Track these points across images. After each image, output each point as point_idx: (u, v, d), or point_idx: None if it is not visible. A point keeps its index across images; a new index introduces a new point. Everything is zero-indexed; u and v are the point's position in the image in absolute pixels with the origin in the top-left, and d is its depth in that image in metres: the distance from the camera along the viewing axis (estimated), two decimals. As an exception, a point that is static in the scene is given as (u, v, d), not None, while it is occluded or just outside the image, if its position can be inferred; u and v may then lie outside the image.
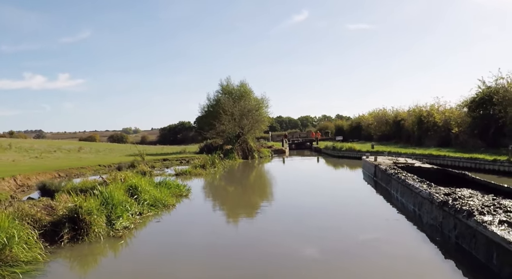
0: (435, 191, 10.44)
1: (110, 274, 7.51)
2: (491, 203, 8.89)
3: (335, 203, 14.04)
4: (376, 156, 21.79)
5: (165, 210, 12.79)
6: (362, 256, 7.82)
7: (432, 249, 8.21)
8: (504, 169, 19.57)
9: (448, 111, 36.15)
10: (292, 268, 7.35)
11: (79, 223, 9.16)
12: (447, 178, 15.49)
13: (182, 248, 9.02)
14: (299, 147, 57.56)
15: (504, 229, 6.54)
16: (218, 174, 25.54)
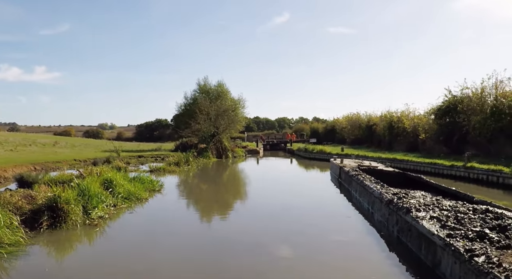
0: (385, 191, 11.62)
1: (85, 258, 8.35)
2: (431, 202, 10.08)
3: (302, 201, 15.04)
4: (342, 159, 23.00)
5: (138, 203, 13.67)
6: (321, 250, 8.72)
7: (380, 243, 9.24)
8: (460, 174, 21.01)
9: (417, 118, 37.67)
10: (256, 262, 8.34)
11: (58, 211, 9.98)
12: (406, 180, 16.75)
13: (153, 237, 9.91)
14: (273, 147, 58.67)
15: (432, 223, 7.66)
16: (191, 171, 26.40)
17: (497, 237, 6.49)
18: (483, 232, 6.67)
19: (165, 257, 8.14)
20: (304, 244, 9.02)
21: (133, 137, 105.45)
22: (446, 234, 6.74)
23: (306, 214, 12.64)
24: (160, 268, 7.43)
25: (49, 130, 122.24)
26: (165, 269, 7.39)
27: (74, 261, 8.30)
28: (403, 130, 37.75)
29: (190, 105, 45.98)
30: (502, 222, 7.46)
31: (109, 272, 7.25)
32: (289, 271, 7.26)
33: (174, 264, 7.71)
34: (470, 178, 20.08)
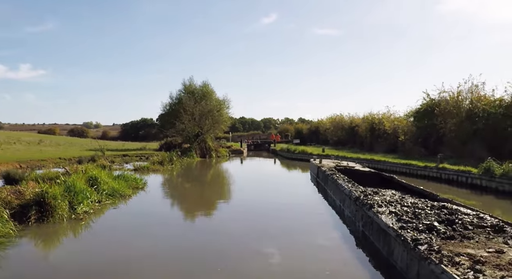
0: (354, 189, 12.40)
1: (70, 249, 8.94)
2: (396, 199, 10.88)
3: (280, 200, 15.74)
4: (321, 159, 23.81)
5: (122, 200, 14.24)
6: (293, 245, 9.34)
7: (348, 237, 9.96)
8: (433, 175, 21.94)
9: (397, 120, 38.68)
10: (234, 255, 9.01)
11: (45, 206, 10.54)
12: (380, 180, 17.60)
13: (135, 231, 10.52)
14: (257, 148, 59.38)
15: (390, 218, 8.43)
16: (175, 170, 26.97)
17: (444, 229, 7.29)
18: (432, 225, 7.46)
19: (146, 249, 8.76)
20: (280, 238, 9.71)
21: (118, 136, 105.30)
22: (399, 226, 7.51)
23: (284, 211, 13.32)
24: (140, 259, 8.05)
25: (33, 128, 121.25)
26: (145, 260, 8.01)
27: (60, 252, 8.88)
28: (383, 132, 38.71)
29: (175, 105, 46.36)
30: (452, 217, 8.27)
31: (92, 262, 7.84)
32: (264, 260, 7.95)
33: (154, 256, 8.34)
34: (442, 178, 21.02)
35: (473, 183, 18.56)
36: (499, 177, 16.74)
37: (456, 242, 6.59)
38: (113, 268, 7.56)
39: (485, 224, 7.86)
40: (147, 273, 7.19)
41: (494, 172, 17.12)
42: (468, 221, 8.07)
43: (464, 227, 7.55)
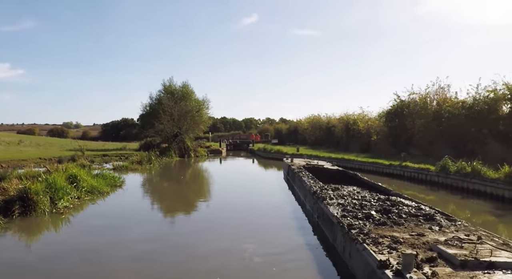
0: (314, 185, 13.55)
1: (51, 240, 9.83)
2: (350, 193, 12.06)
3: (252, 196, 16.97)
4: (292, 158, 24.96)
5: (101, 196, 15.12)
6: (260, 234, 10.39)
7: (307, 227, 11.05)
8: (396, 172, 23.29)
9: (370, 121, 40.11)
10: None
11: (28, 201, 11.40)
12: (345, 177, 18.81)
13: (111, 224, 11.44)
14: (236, 147, 60.35)
15: (337, 209, 9.55)
16: (153, 170, 27.83)
17: (379, 217, 8.45)
18: (370, 214, 8.61)
19: (121, 240, 9.72)
20: (251, 229, 10.80)
21: (98, 136, 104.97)
22: (342, 215, 8.65)
23: (256, 207, 14.35)
24: (115, 249, 9.02)
25: (12, 129, 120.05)
26: (119, 250, 8.98)
27: (42, 242, 9.76)
28: (358, 132, 40.08)
29: (155, 105, 47.02)
30: (392, 207, 9.45)
31: (71, 253, 8.73)
32: (239, 245, 8.99)
33: (122, 243, 9.31)
34: (404, 176, 22.37)
35: (431, 180, 19.92)
36: (453, 174, 18.11)
37: (386, 228, 7.73)
38: (87, 254, 8.48)
39: (419, 214, 9.04)
40: (117, 259, 8.19)
41: (449, 169, 18.48)
42: (406, 211, 9.25)
43: (399, 216, 8.72)
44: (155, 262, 7.87)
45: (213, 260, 8.07)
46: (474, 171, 16.80)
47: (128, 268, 7.64)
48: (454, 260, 5.62)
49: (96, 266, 7.71)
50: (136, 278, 7.15)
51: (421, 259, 5.71)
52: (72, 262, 7.99)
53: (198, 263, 7.94)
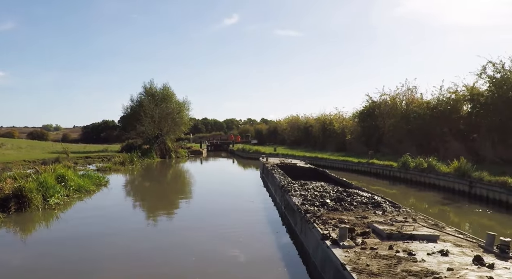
0: (283, 180, 15.00)
1: (44, 233, 11.00)
2: (314, 187, 13.53)
3: (230, 191, 18.38)
4: (267, 157, 26.40)
5: (87, 194, 16.29)
6: (235, 225, 11.77)
7: (277, 218, 12.43)
8: (364, 169, 24.95)
9: (345, 121, 41.86)
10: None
11: (23, 198, 12.53)
12: (316, 174, 20.29)
13: (98, 218, 12.66)
14: (217, 148, 61.54)
15: (298, 199, 10.96)
16: (135, 170, 28.95)
17: (332, 204, 9.92)
18: (325, 202, 10.06)
19: (107, 232, 10.99)
20: (230, 219, 12.16)
21: (79, 139, 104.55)
22: (301, 203, 10.08)
23: (234, 203, 15.67)
24: (101, 238, 10.30)
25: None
26: (106, 239, 10.26)
27: (36, 235, 10.91)
28: (333, 132, 41.78)
29: (137, 107, 47.78)
30: (347, 197, 10.93)
31: (61, 242, 9.92)
32: (218, 232, 10.31)
33: (113, 237, 10.58)
34: (371, 172, 24.02)
35: (394, 175, 21.60)
36: (412, 169, 19.78)
37: (337, 212, 9.19)
38: (75, 242, 9.72)
39: (370, 202, 10.53)
40: (102, 246, 9.53)
41: (409, 165, 20.15)
42: (358, 200, 10.74)
43: (351, 203, 10.20)
44: (137, 247, 9.18)
45: (190, 238, 9.41)
46: (429, 167, 18.49)
47: (114, 248, 8.94)
48: (382, 233, 7.09)
49: (86, 250, 8.97)
50: (122, 256, 8.45)
51: (356, 233, 7.16)
52: (65, 246, 9.29)
53: (175, 239, 9.28)
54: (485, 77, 22.83)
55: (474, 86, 24.37)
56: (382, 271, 5.24)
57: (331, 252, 6.15)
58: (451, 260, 5.83)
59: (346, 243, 6.42)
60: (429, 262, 5.66)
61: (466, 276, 5.15)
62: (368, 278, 4.99)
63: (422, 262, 5.65)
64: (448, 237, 7.34)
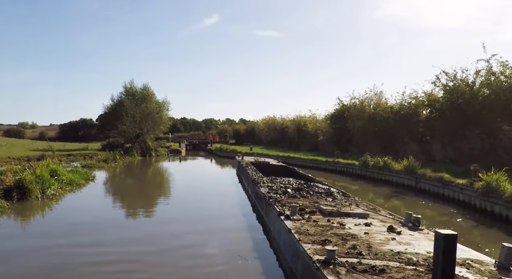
0: (255, 175, 17.03)
1: (44, 218, 12.74)
2: (280, 181, 15.56)
3: (207, 186, 20.33)
4: (243, 156, 28.42)
5: (78, 188, 18.02)
6: (212, 215, 13.77)
7: (249, 206, 14.41)
8: (331, 168, 27.22)
9: (318, 122, 44.16)
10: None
11: (23, 189, 14.19)
12: (286, 171, 22.39)
13: (88, 207, 14.45)
14: (195, 147, 63.29)
15: (265, 189, 12.99)
16: (118, 167, 30.58)
17: (292, 193, 12.00)
18: (286, 191, 12.13)
19: (96, 219, 12.83)
20: (207, 209, 14.07)
21: (56, 137, 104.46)
22: (267, 192, 12.13)
23: (212, 195, 17.64)
24: (91, 224, 12.14)
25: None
26: (95, 224, 12.10)
27: (37, 220, 12.62)
28: (307, 133, 44.02)
29: (117, 106, 49.10)
30: (304, 188, 13.03)
31: (59, 226, 11.65)
32: (196, 221, 12.23)
33: (102, 221, 12.43)
34: (337, 170, 26.29)
35: (355, 173, 23.90)
36: (371, 167, 22.08)
37: (295, 199, 11.27)
38: (72, 227, 11.53)
39: (324, 192, 12.66)
40: (92, 230, 11.38)
41: (368, 164, 22.43)
42: (315, 190, 12.87)
43: (308, 192, 12.31)
44: (121, 230, 11.08)
45: (174, 223, 11.36)
46: (385, 165, 20.80)
47: (104, 229, 10.83)
48: (325, 212, 9.17)
49: (80, 229, 10.83)
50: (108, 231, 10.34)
51: (305, 211, 9.22)
52: (62, 226, 11.15)
53: (158, 219, 11.21)
54: (440, 85, 25.31)
55: (432, 93, 26.87)
56: (316, 233, 7.31)
57: (283, 223, 8.18)
58: (371, 229, 7.92)
59: (295, 217, 8.47)
60: (353, 229, 7.75)
61: (376, 237, 7.24)
62: (305, 236, 7.03)
63: (348, 229, 7.74)
64: (378, 216, 9.47)
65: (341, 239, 6.95)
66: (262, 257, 8.16)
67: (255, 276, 7.21)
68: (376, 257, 5.91)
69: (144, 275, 7.15)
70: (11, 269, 7.53)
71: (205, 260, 8.05)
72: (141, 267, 7.56)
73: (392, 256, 6.02)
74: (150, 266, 7.54)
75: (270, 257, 8.14)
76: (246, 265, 7.60)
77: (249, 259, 7.92)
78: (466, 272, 5.40)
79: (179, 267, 7.57)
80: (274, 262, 7.87)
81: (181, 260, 8.01)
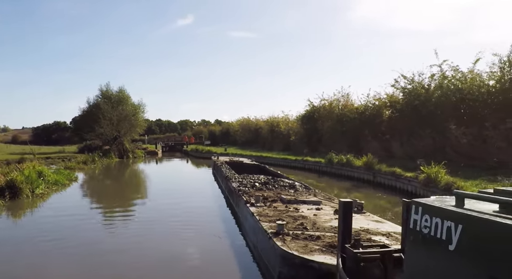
0: (228, 172, 18.69)
1: (34, 213, 14.10)
2: (250, 177, 17.25)
3: (184, 183, 21.82)
4: (218, 156, 30.03)
5: (63, 187, 19.33)
6: (190, 209, 15.33)
7: (221, 199, 16.05)
8: (300, 166, 29.14)
9: (290, 123, 45.99)
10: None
11: (15, 189, 15.48)
12: (258, 169, 24.10)
13: (74, 203, 15.85)
14: (171, 149, 64.27)
15: (236, 184, 14.66)
16: (97, 169, 31.78)
17: (260, 186, 13.72)
18: (254, 185, 13.84)
19: (82, 213, 14.28)
20: (185, 203, 15.59)
21: (30, 140, 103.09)
22: (237, 186, 13.82)
23: (190, 192, 19.21)
24: (76, 217, 13.60)
25: None
26: (81, 216, 13.57)
27: (28, 215, 13.98)
28: (280, 133, 45.73)
29: (92, 109, 49.72)
30: (271, 182, 14.77)
31: (47, 220, 13.04)
32: (169, 216, 13.79)
33: (88, 213, 13.89)
34: (305, 168, 28.18)
35: (322, 170, 25.83)
36: (335, 164, 24.02)
37: (261, 191, 12.99)
38: (58, 220, 12.97)
39: (288, 185, 14.42)
40: (79, 217, 12.84)
41: (333, 161, 24.36)
42: (280, 184, 14.63)
43: (273, 186, 14.07)
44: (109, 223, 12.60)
45: (155, 213, 12.93)
46: (348, 162, 22.75)
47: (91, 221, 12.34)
48: (285, 200, 10.91)
49: (70, 222, 12.29)
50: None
51: (268, 200, 10.94)
52: (52, 219, 12.56)
53: (141, 213, 12.77)
54: (399, 87, 27.49)
55: (393, 94, 29.02)
56: (274, 215, 9.03)
57: (249, 209, 9.88)
58: (320, 212, 9.69)
59: (259, 205, 10.20)
60: (305, 212, 9.50)
61: (322, 217, 9.01)
62: (264, 217, 8.74)
63: (301, 212, 9.49)
64: (331, 203, 11.24)
65: (293, 219, 8.69)
66: (232, 236, 9.89)
67: (225, 248, 8.92)
68: (317, 230, 7.67)
69: (134, 246, 8.73)
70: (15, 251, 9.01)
71: (185, 240, 9.68)
72: (133, 245, 9.15)
73: (330, 229, 7.78)
74: (138, 243, 9.13)
75: (238, 237, 9.86)
76: (219, 241, 9.30)
77: (222, 238, 9.61)
78: (385, 239, 7.19)
79: (164, 245, 9.19)
80: (241, 240, 9.58)
81: (165, 241, 9.63)
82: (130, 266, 8.06)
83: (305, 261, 5.89)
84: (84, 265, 8.09)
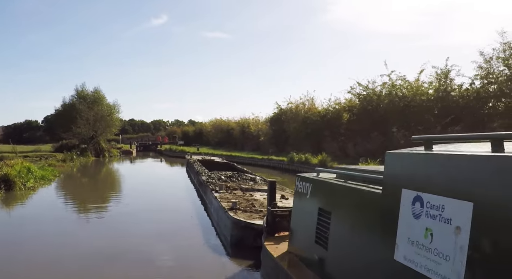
0: (199, 169, 21.17)
1: (27, 204, 16.25)
2: (220, 173, 19.75)
3: (160, 180, 24.16)
4: (191, 155, 32.42)
5: (49, 182, 21.43)
6: (167, 200, 17.72)
7: (194, 193, 18.45)
8: (266, 164, 31.86)
9: (260, 124, 48.51)
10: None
11: (9, 182, 17.55)
12: (227, 167, 26.59)
13: (59, 195, 18.03)
14: (146, 149, 66.03)
15: (205, 177, 17.13)
16: (75, 167, 33.71)
17: (225, 179, 16.26)
18: (221, 178, 16.39)
19: (67, 205, 16.52)
20: (160, 197, 17.98)
21: (0, 139, 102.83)
22: (206, 179, 16.34)
23: (165, 187, 21.56)
24: (62, 207, 15.87)
25: None
26: (66, 207, 15.86)
27: (22, 206, 16.10)
28: (250, 134, 48.18)
29: (67, 108, 51.10)
30: (235, 176, 17.33)
31: (37, 212, 15.28)
32: (152, 202, 16.14)
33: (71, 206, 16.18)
34: (270, 165, 30.87)
35: (284, 168, 28.57)
36: (296, 162, 26.77)
37: (226, 182, 15.53)
38: (46, 210, 15.19)
39: (250, 178, 17.00)
40: (65, 207, 15.15)
41: (294, 159, 27.10)
42: (243, 177, 17.20)
43: (236, 179, 16.63)
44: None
45: (134, 206, 15.31)
46: (306, 160, 25.53)
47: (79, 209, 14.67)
48: (243, 188, 13.51)
49: (59, 211, 14.56)
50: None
51: (230, 188, 13.49)
52: (43, 209, 14.80)
53: (123, 206, 15.14)
54: (355, 93, 30.48)
55: (351, 99, 31.98)
56: (232, 198, 11.59)
57: (213, 195, 12.41)
58: (270, 197, 12.27)
59: (222, 191, 12.76)
60: (257, 197, 12.12)
61: (270, 200, 11.59)
62: (224, 200, 11.28)
63: (254, 197, 12.08)
64: (281, 193, 13.83)
65: (246, 201, 11.31)
66: (200, 217, 12.42)
67: (196, 225, 11.44)
68: (261, 207, 10.27)
69: (118, 220, 11.15)
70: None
71: (163, 223, 12.14)
72: (120, 226, 11.56)
73: (272, 207, 10.37)
74: (126, 232, 11.56)
75: (206, 217, 12.38)
76: (191, 220, 11.84)
77: (193, 217, 12.15)
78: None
79: (145, 229, 11.64)
80: (208, 220, 12.11)
81: (145, 224, 12.09)
82: (122, 234, 10.47)
83: (248, 224, 8.48)
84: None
